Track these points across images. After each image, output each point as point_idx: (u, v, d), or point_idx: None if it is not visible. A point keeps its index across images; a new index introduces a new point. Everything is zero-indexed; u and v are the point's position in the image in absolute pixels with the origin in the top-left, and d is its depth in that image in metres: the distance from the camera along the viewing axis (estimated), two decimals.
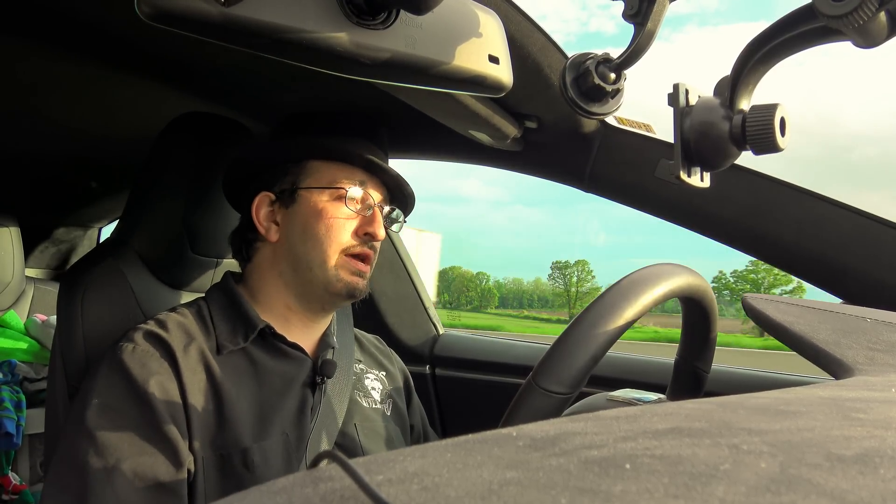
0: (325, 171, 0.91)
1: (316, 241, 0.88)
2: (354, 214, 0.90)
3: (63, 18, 0.93)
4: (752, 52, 0.54)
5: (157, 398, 0.76)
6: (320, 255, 0.88)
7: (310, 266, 0.89)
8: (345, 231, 0.89)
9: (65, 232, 2.25)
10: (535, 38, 0.82)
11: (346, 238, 0.89)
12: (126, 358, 0.79)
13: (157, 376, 0.78)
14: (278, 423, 0.83)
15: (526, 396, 0.55)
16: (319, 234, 0.88)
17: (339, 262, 0.88)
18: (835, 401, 0.33)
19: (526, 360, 1.39)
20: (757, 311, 0.61)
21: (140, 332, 0.83)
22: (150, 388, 0.77)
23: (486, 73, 0.50)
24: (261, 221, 0.93)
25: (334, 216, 0.88)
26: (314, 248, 0.88)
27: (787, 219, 0.94)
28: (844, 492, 0.20)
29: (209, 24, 0.37)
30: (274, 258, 0.92)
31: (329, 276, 0.88)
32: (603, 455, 0.22)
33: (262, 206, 0.93)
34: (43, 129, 1.48)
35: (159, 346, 0.81)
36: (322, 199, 0.89)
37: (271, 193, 0.92)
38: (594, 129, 1.04)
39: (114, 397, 0.77)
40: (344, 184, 0.90)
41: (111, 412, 0.75)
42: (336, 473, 0.21)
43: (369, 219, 0.90)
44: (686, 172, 0.58)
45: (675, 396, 0.77)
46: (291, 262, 0.90)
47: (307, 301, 0.92)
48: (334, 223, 0.88)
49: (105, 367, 0.80)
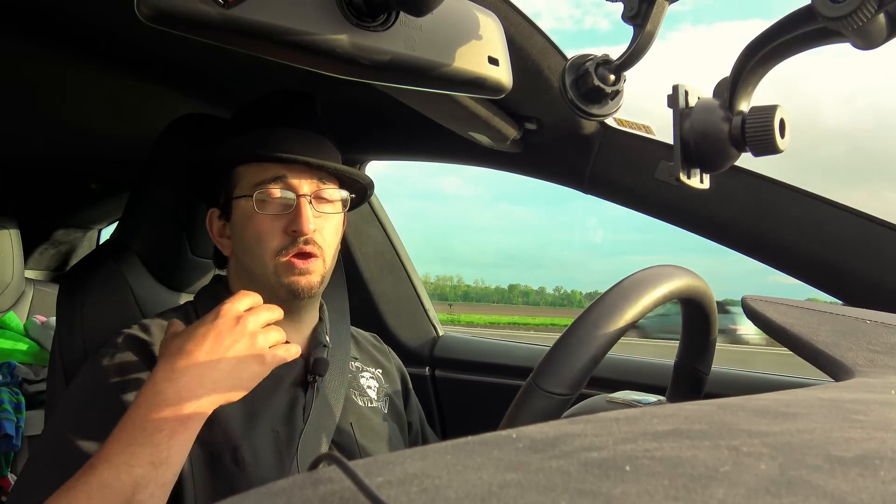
0: (248, 175, 0.87)
1: (250, 250, 0.86)
2: (279, 215, 0.85)
3: (64, 20, 0.93)
4: (751, 53, 0.54)
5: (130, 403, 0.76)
6: (258, 264, 0.86)
7: (254, 273, 0.87)
8: (273, 235, 0.85)
9: (64, 233, 2.25)
10: (534, 39, 0.82)
11: (277, 241, 0.85)
12: (104, 363, 0.79)
13: (135, 381, 0.78)
14: (267, 421, 0.83)
15: (526, 398, 0.55)
16: (251, 243, 0.86)
17: (277, 266, 0.85)
18: (835, 403, 0.32)
19: (526, 362, 1.39)
20: (756, 312, 0.61)
21: (121, 336, 0.83)
22: (125, 393, 0.77)
23: (485, 75, 0.50)
24: (216, 237, 0.93)
25: (260, 222, 0.85)
26: (251, 258, 0.87)
27: (787, 220, 0.94)
28: (844, 493, 0.20)
29: (209, 25, 0.38)
30: (237, 268, 0.92)
31: (271, 283, 0.86)
32: (603, 457, 0.22)
33: (213, 222, 0.93)
34: (43, 130, 1.48)
35: (139, 350, 0.81)
36: (248, 207, 0.86)
37: (216, 209, 0.92)
38: (594, 130, 1.04)
39: (88, 402, 0.77)
40: (262, 186, 0.85)
41: (83, 416, 0.76)
42: (336, 475, 0.21)
43: (293, 215, 0.85)
44: (686, 174, 0.58)
45: (674, 398, 0.77)
46: (243, 271, 0.90)
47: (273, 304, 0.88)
48: (261, 229, 0.85)
49: (83, 372, 0.81)
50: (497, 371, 1.42)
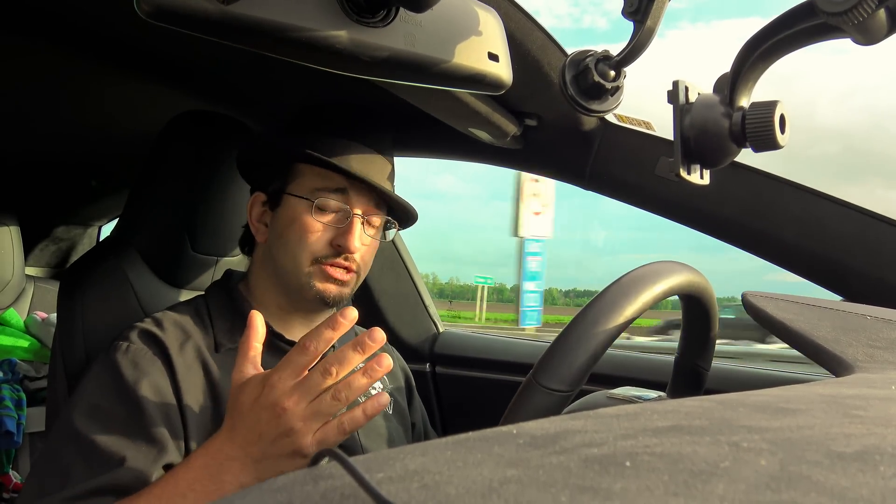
0: (308, 178, 0.88)
1: (288, 248, 0.87)
2: (330, 225, 0.87)
3: (63, 17, 0.93)
4: (751, 49, 0.54)
5: (147, 399, 0.76)
6: (292, 262, 0.87)
7: (285, 269, 0.88)
8: (318, 241, 0.86)
9: (65, 230, 2.25)
10: (534, 35, 0.82)
11: (319, 248, 0.86)
12: (119, 357, 0.79)
13: (150, 376, 0.78)
14: None
15: (526, 394, 0.56)
16: (292, 241, 0.87)
17: (312, 270, 0.86)
18: (835, 398, 0.33)
19: (526, 358, 1.39)
20: (757, 308, 0.61)
21: (135, 330, 0.82)
22: (140, 388, 0.76)
23: (485, 71, 0.49)
24: (253, 221, 0.93)
25: (308, 226, 0.86)
26: (286, 255, 0.87)
27: (788, 216, 0.94)
28: (844, 489, 0.20)
29: (208, 22, 0.37)
30: (264, 258, 0.92)
31: (301, 283, 0.87)
32: (603, 453, 0.22)
33: (255, 205, 0.93)
34: (43, 127, 1.48)
35: (153, 345, 0.81)
36: (300, 208, 0.87)
37: (263, 194, 0.92)
38: (594, 126, 1.04)
39: (103, 398, 0.76)
40: (321, 194, 0.87)
41: (100, 413, 0.75)
42: (336, 471, 0.21)
43: (344, 230, 0.87)
44: (686, 170, 0.58)
45: (675, 394, 0.77)
46: (274, 265, 0.90)
47: (293, 302, 0.91)
48: (308, 232, 0.86)
49: (97, 367, 0.80)
50: (497, 367, 1.42)
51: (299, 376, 0.65)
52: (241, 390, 0.67)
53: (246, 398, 0.66)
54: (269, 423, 0.64)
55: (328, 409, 0.64)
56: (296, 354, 0.65)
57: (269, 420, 0.64)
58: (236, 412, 0.67)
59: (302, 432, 0.64)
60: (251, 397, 0.65)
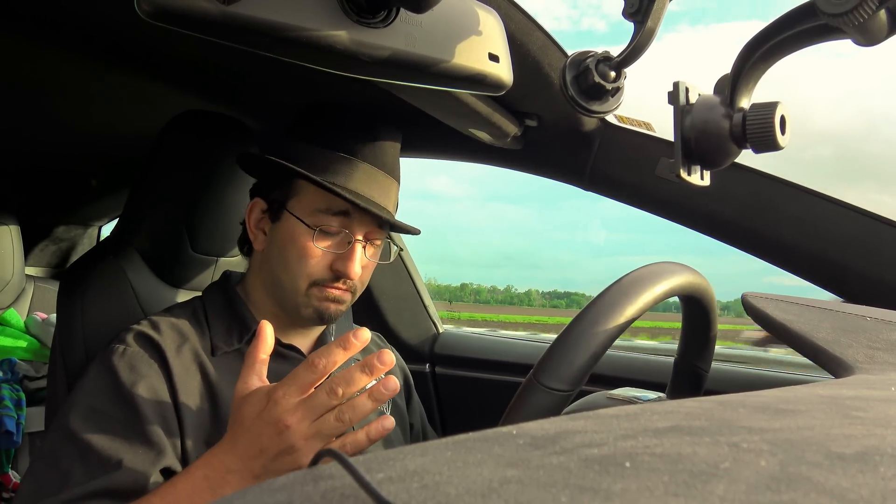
0: (310, 196, 0.86)
1: (287, 266, 0.86)
2: (330, 250, 0.86)
3: (63, 17, 0.93)
4: (752, 49, 0.54)
5: (144, 401, 0.76)
6: (290, 282, 0.86)
7: (282, 286, 0.87)
8: (318, 265, 0.85)
9: (65, 230, 2.25)
10: (535, 36, 0.82)
11: (318, 272, 0.85)
12: (115, 360, 0.79)
13: (146, 379, 0.77)
14: None
15: (527, 394, 0.56)
16: (291, 261, 0.85)
17: (311, 291, 0.86)
18: (835, 399, 0.33)
19: (526, 359, 1.39)
20: (756, 309, 0.61)
21: (131, 333, 0.82)
22: (137, 390, 0.76)
23: (486, 72, 0.49)
24: (251, 226, 0.91)
25: (309, 251, 0.84)
26: (285, 272, 0.86)
27: (788, 217, 0.94)
28: (844, 490, 0.20)
29: (209, 22, 0.37)
30: (262, 266, 0.91)
31: (298, 302, 0.86)
32: (603, 453, 0.22)
33: (254, 210, 0.92)
34: (43, 127, 1.48)
35: (150, 348, 0.81)
36: (300, 229, 0.85)
37: (263, 202, 0.91)
38: (594, 127, 1.04)
39: (100, 400, 0.76)
40: (323, 218, 0.85)
41: (97, 415, 0.75)
42: (336, 471, 0.21)
43: (345, 256, 0.85)
44: (686, 171, 0.58)
45: (675, 395, 0.77)
46: (272, 277, 0.89)
47: (287, 313, 0.90)
48: (307, 255, 0.84)
49: (94, 369, 0.80)
50: (497, 368, 1.42)
51: (305, 393, 0.64)
52: (244, 402, 0.66)
53: (249, 411, 0.65)
54: (271, 439, 0.63)
55: (331, 430, 0.64)
56: (303, 371, 0.64)
57: (272, 436, 0.63)
58: (239, 425, 0.66)
59: (303, 451, 0.63)
60: (255, 410, 0.65)
